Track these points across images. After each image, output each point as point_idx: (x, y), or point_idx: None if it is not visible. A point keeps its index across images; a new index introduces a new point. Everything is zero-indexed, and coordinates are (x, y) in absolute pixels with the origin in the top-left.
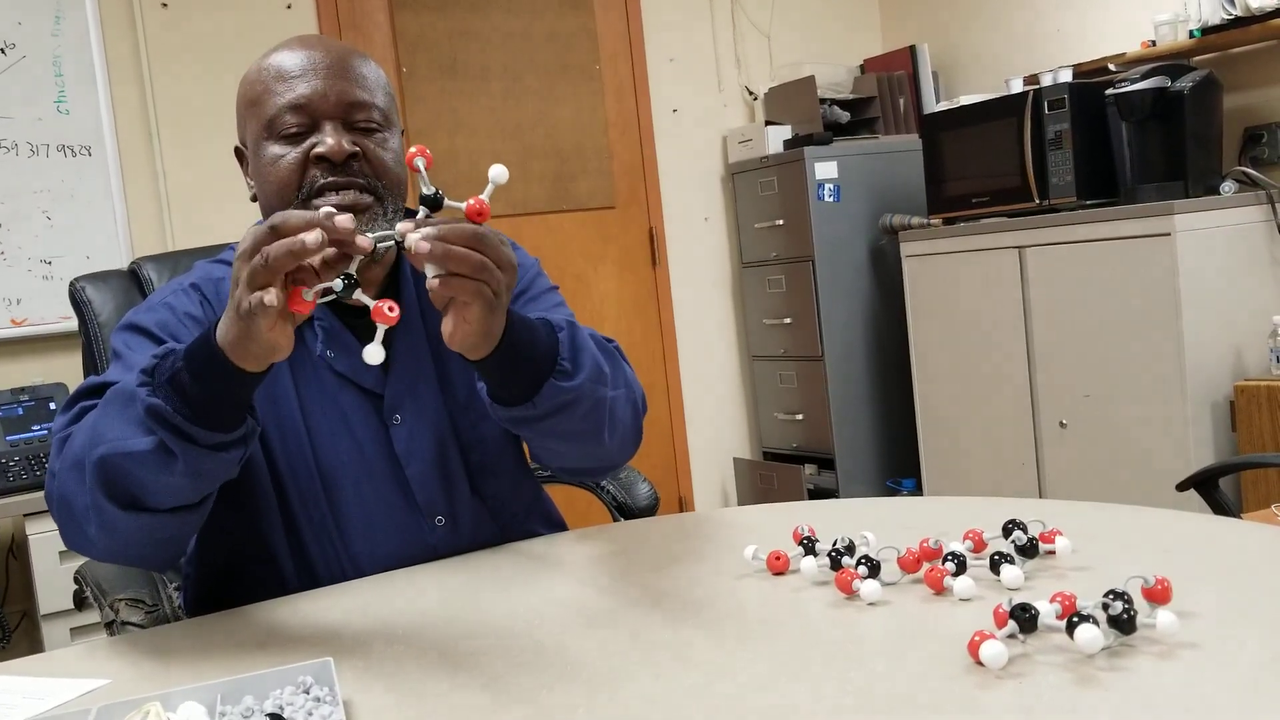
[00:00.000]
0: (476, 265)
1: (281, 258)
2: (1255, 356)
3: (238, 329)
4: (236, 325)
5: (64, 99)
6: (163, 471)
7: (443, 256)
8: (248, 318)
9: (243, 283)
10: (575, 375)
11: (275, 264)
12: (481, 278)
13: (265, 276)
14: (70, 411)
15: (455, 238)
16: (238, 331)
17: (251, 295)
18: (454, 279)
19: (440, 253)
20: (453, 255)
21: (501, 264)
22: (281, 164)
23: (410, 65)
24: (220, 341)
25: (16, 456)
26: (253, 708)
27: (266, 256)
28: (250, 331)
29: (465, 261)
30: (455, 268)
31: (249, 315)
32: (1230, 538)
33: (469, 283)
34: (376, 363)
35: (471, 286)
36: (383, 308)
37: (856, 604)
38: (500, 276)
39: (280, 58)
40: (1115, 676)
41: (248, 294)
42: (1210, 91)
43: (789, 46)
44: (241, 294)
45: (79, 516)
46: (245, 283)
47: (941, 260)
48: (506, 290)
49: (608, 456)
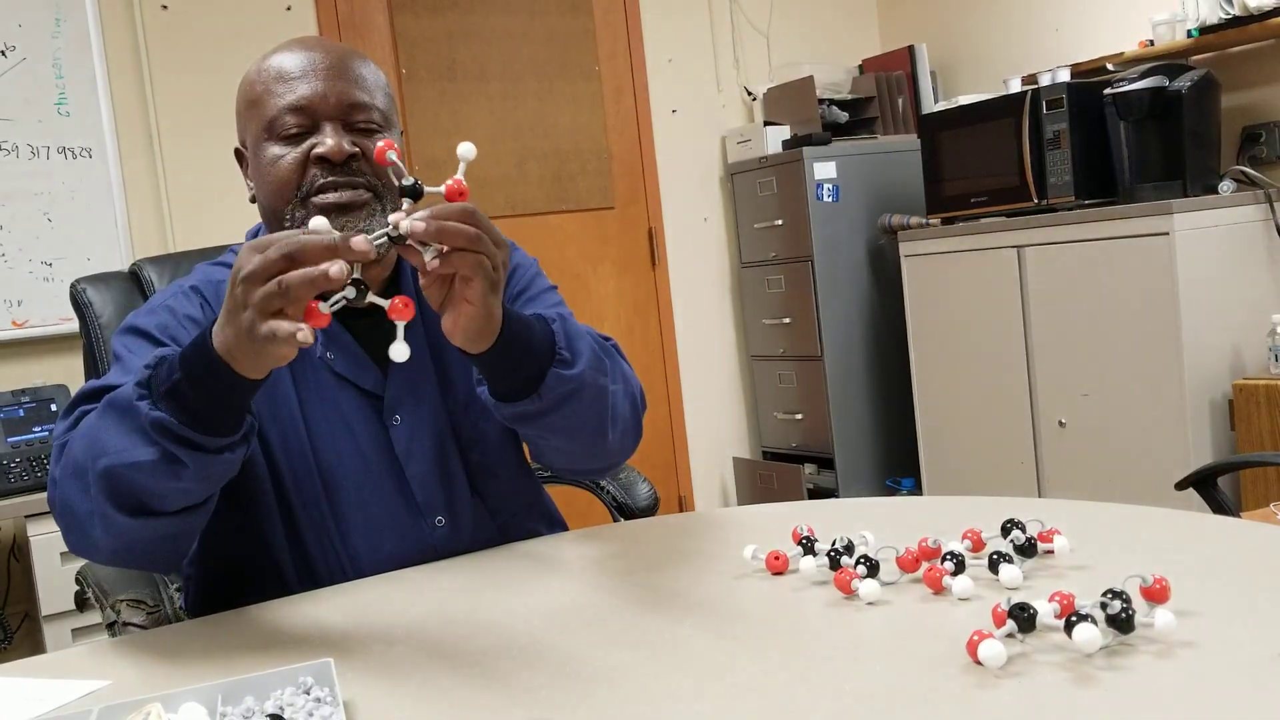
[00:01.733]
0: (472, 237)
1: (302, 288)
2: (1254, 355)
3: (248, 348)
4: (246, 345)
5: (64, 101)
6: (171, 479)
7: (438, 232)
8: (262, 341)
9: (253, 307)
10: (575, 364)
11: (296, 294)
12: (479, 249)
13: (279, 303)
14: (70, 417)
15: (448, 214)
16: (246, 350)
17: (267, 324)
18: (454, 254)
19: (435, 229)
20: (448, 230)
21: (495, 239)
22: (281, 164)
23: (409, 67)
24: (219, 349)
25: (17, 458)
26: (253, 708)
27: (284, 286)
28: (263, 352)
29: (461, 234)
30: (452, 241)
31: (265, 339)
32: (1229, 537)
33: (468, 256)
34: (403, 359)
35: (471, 259)
36: (398, 304)
37: (855, 603)
38: (495, 251)
39: (280, 59)
40: (1114, 676)
41: (259, 320)
42: (1208, 91)
43: (787, 47)
44: (252, 318)
45: (82, 522)
46: (256, 307)
47: (940, 260)
48: (503, 267)
49: (611, 452)
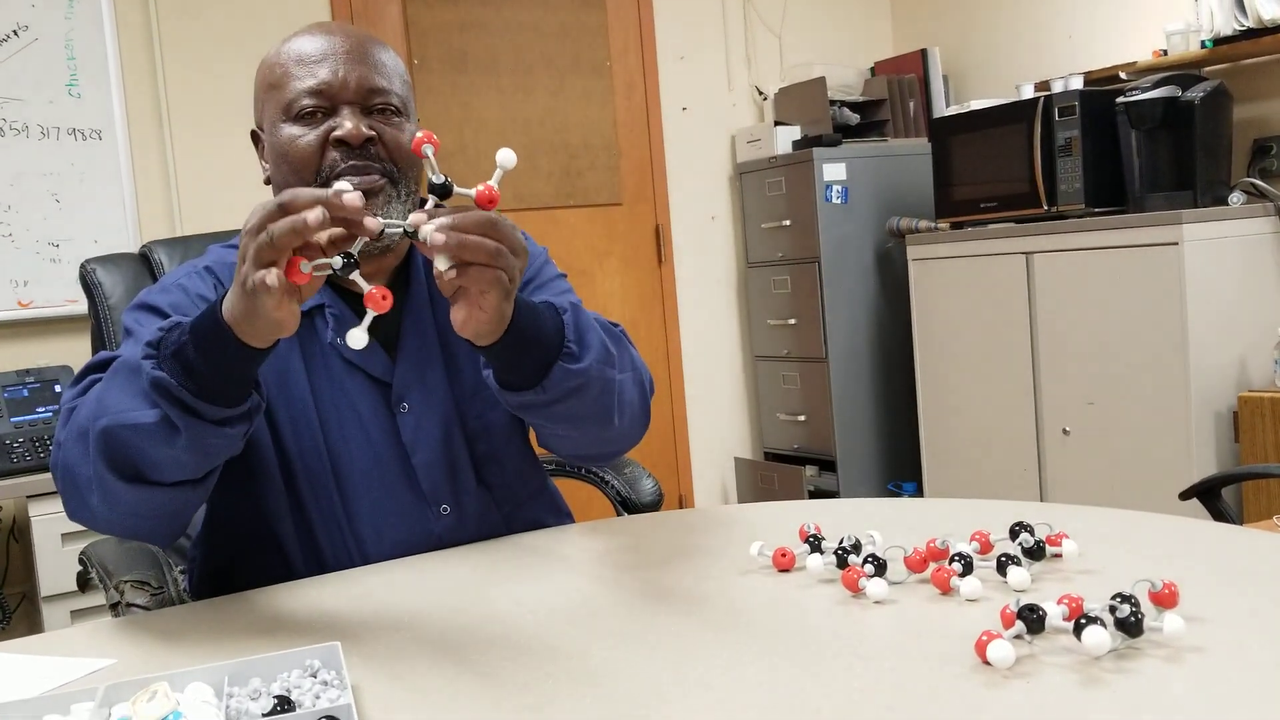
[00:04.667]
0: (493, 252)
1: (285, 235)
2: (1259, 368)
3: (243, 305)
4: (242, 301)
5: (75, 82)
6: (165, 445)
7: (458, 247)
8: (252, 295)
9: (249, 259)
10: (583, 357)
11: (279, 241)
12: (499, 265)
13: (269, 254)
14: (79, 384)
15: (469, 225)
16: (244, 308)
17: (255, 274)
18: (471, 269)
19: (455, 243)
20: (468, 245)
21: (515, 249)
22: (300, 143)
23: (421, 57)
24: (227, 317)
25: (20, 438)
26: (260, 690)
27: (271, 234)
28: (255, 308)
29: (481, 250)
30: (471, 257)
31: (253, 292)
32: (1238, 544)
33: (486, 271)
34: (358, 347)
35: (489, 275)
36: (375, 294)
37: (862, 602)
38: (514, 262)
39: (300, 42)
40: (1122, 679)
41: (253, 270)
42: (1221, 102)
43: (799, 47)
44: (247, 270)
45: (82, 487)
46: (251, 259)
47: (948, 264)
48: (519, 275)
49: (618, 440)
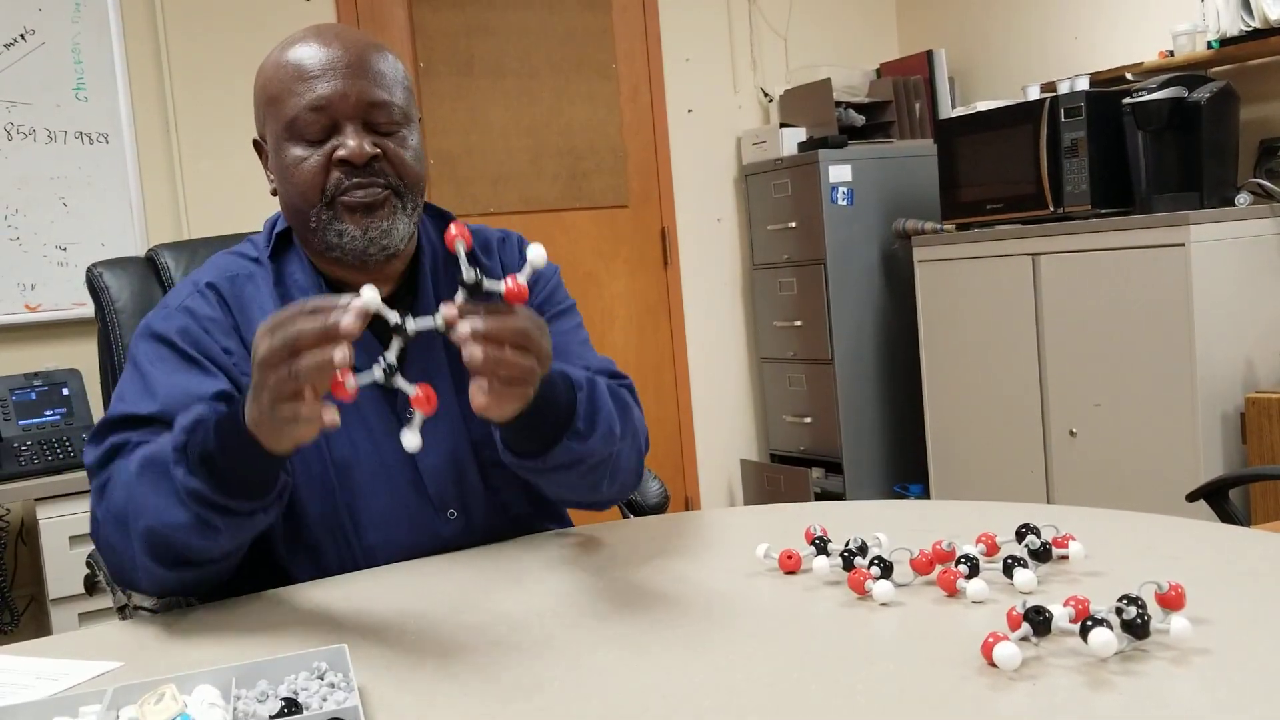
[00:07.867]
0: (526, 371)
1: (312, 374)
2: (1266, 369)
3: (271, 430)
4: (269, 425)
5: (83, 86)
6: (208, 539)
7: (495, 365)
8: (284, 424)
9: (269, 391)
10: (589, 438)
11: (307, 379)
12: (528, 381)
13: (295, 386)
14: (101, 446)
15: (505, 336)
16: (270, 430)
17: (284, 408)
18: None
19: (493, 362)
20: (504, 362)
21: (543, 358)
22: (304, 167)
23: (427, 60)
24: (250, 426)
25: (29, 441)
26: (267, 692)
27: (294, 373)
28: (285, 432)
29: (515, 368)
30: (505, 372)
31: (284, 422)
32: (1244, 546)
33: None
34: (414, 449)
35: (518, 390)
36: (422, 397)
37: (869, 604)
38: (541, 370)
39: (299, 53)
40: (1128, 680)
41: (279, 404)
42: (1227, 103)
43: (805, 48)
44: (271, 402)
45: (125, 564)
46: (272, 392)
47: (954, 266)
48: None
49: (601, 503)
